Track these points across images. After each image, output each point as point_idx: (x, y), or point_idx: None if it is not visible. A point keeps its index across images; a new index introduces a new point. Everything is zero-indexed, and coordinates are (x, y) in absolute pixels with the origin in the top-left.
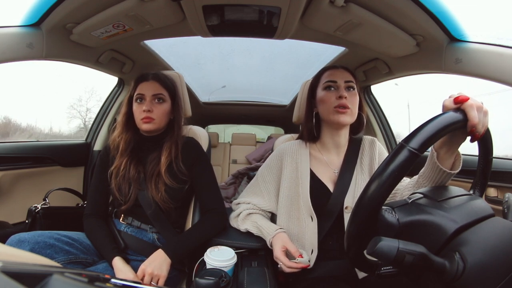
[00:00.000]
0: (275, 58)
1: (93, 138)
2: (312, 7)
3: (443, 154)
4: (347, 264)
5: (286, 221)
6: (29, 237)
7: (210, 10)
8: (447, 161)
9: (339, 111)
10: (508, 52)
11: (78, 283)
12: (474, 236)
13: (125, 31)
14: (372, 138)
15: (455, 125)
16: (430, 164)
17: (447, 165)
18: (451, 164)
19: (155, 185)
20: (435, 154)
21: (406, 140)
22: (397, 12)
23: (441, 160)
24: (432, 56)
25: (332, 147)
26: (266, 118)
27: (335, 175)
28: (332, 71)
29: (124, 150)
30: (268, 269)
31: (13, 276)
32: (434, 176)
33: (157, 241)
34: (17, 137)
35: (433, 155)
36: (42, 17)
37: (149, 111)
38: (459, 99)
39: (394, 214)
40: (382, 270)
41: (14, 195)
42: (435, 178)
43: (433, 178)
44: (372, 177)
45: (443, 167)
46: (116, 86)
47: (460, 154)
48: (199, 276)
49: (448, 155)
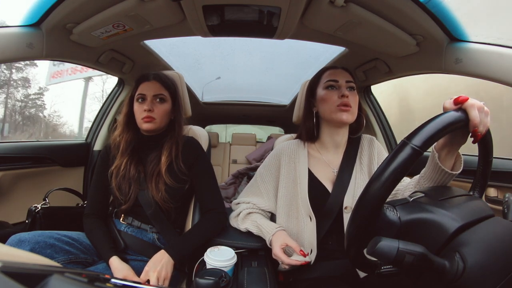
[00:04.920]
0: (275, 58)
1: (93, 138)
2: (312, 7)
3: (444, 156)
4: (347, 264)
5: (285, 221)
6: (29, 237)
7: (210, 10)
8: (448, 162)
9: (342, 109)
10: (508, 52)
11: (78, 283)
12: (474, 236)
13: (125, 31)
14: (370, 137)
15: (457, 124)
16: (431, 165)
17: (448, 166)
18: (452, 165)
19: (155, 185)
20: (436, 155)
21: (408, 137)
22: (397, 12)
23: (442, 161)
24: (432, 56)
25: (331, 146)
26: (266, 118)
27: (333, 174)
28: (333, 71)
29: (125, 149)
30: (268, 269)
31: (13, 276)
32: (435, 177)
33: (157, 241)
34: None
35: (434, 156)
36: (42, 17)
37: (150, 110)
38: (459, 99)
39: (395, 212)
40: (382, 270)
41: (14, 195)
42: (437, 179)
43: (435, 179)
44: (374, 175)
45: (444, 167)
46: (116, 86)
47: (461, 155)
48: (199, 276)
49: (449, 156)
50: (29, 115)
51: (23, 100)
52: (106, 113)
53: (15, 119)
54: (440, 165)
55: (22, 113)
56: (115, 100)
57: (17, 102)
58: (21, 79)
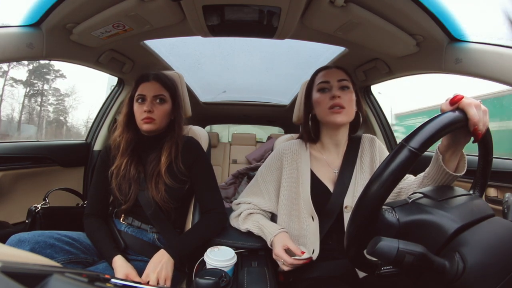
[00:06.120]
0: (275, 58)
1: (93, 138)
2: (312, 7)
3: (448, 157)
4: (347, 264)
5: (287, 221)
6: (29, 237)
7: (210, 10)
8: (452, 163)
9: (334, 112)
10: (508, 52)
11: (78, 283)
12: (474, 236)
13: (125, 31)
14: (371, 136)
15: (455, 124)
16: (435, 167)
17: (451, 167)
18: (455, 166)
19: (155, 185)
20: (440, 157)
21: (406, 139)
22: (397, 12)
23: (446, 162)
24: (432, 56)
25: (332, 147)
26: (266, 118)
27: (335, 175)
28: (325, 71)
29: (125, 150)
30: (268, 269)
31: (13, 276)
32: (439, 178)
33: (157, 241)
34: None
35: (438, 158)
36: (42, 17)
37: (150, 111)
38: (454, 99)
39: (394, 214)
40: (382, 270)
41: (14, 195)
42: (440, 180)
43: (438, 180)
44: (372, 177)
45: (448, 169)
46: (116, 86)
47: (465, 155)
48: (199, 276)
49: (453, 157)
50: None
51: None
52: (106, 113)
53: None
54: (444, 167)
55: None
56: (115, 100)
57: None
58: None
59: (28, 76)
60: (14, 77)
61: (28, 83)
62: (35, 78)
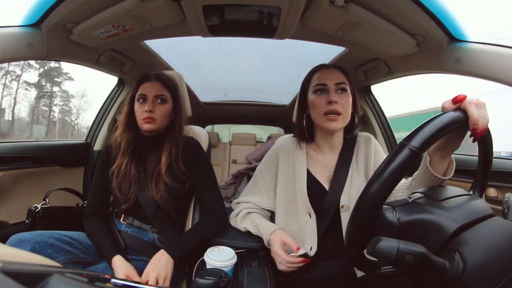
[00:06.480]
0: (275, 58)
1: (93, 138)
2: (312, 7)
3: (436, 159)
4: (346, 264)
5: (284, 219)
6: (30, 237)
7: (210, 10)
8: (440, 166)
9: (329, 118)
10: (508, 52)
11: (78, 283)
12: (474, 236)
13: (125, 31)
14: (368, 135)
15: (456, 124)
16: (422, 169)
17: (439, 170)
18: (444, 169)
19: (155, 185)
20: (428, 159)
21: (407, 139)
22: (397, 12)
23: (434, 165)
24: (432, 56)
25: (327, 148)
26: (266, 118)
27: (330, 174)
28: (322, 72)
29: (126, 149)
30: (268, 269)
31: (13, 276)
32: (426, 180)
33: (157, 241)
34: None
35: (426, 160)
36: (42, 17)
37: (151, 111)
38: (457, 98)
39: (394, 213)
40: (382, 270)
41: (14, 195)
42: (428, 182)
43: (426, 182)
44: (373, 176)
45: (435, 172)
46: (116, 86)
47: (453, 160)
48: (199, 276)
49: (441, 160)
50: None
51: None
52: (106, 113)
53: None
54: (430, 169)
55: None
56: (115, 100)
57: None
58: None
59: (39, 78)
60: (27, 81)
61: (39, 85)
62: (47, 81)
